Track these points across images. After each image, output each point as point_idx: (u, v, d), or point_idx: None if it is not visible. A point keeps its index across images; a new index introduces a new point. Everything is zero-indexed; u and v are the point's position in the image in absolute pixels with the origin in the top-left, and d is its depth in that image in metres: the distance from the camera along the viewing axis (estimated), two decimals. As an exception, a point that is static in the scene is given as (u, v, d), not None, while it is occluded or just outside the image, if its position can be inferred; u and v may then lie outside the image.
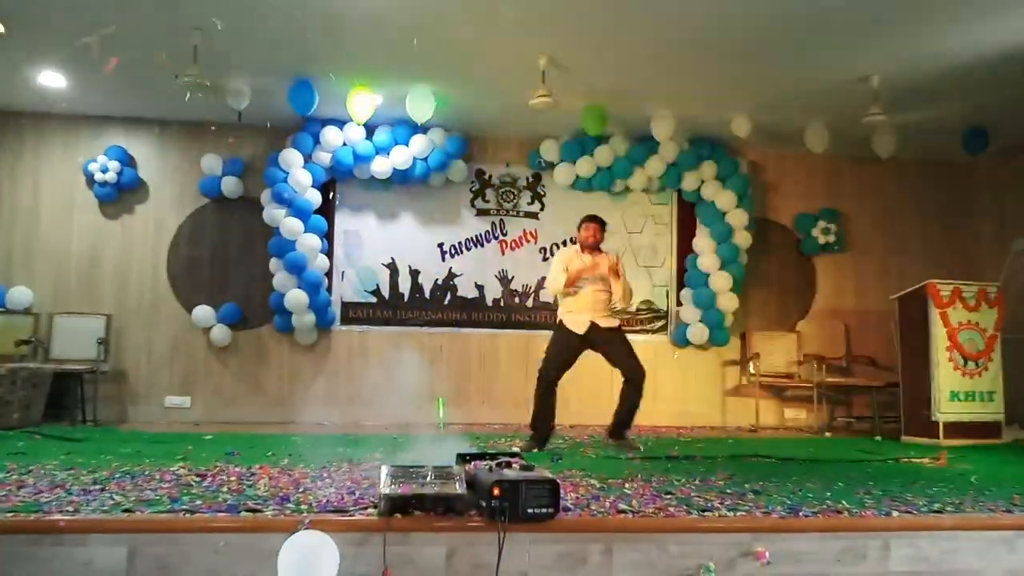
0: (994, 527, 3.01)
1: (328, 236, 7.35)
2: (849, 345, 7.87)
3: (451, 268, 7.64)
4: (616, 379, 5.36)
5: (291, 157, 7.02)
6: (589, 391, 6.55)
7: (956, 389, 6.28)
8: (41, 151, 7.25)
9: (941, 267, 7.57)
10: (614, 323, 5.42)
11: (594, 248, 5.51)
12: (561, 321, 5.44)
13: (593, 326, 5.31)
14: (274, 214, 7.01)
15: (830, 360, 7.56)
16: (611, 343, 5.34)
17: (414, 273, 7.59)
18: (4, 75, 6.30)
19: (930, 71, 5.95)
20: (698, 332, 7.54)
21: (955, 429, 6.20)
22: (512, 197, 7.79)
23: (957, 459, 5.12)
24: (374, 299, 7.52)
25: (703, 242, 7.63)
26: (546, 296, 7.56)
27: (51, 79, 6.38)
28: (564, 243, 7.67)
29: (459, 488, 2.75)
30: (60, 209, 7.25)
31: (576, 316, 5.37)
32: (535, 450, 5.17)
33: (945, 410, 6.21)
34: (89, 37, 5.20)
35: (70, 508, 2.86)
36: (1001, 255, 7.24)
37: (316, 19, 5.26)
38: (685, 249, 7.80)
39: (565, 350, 5.35)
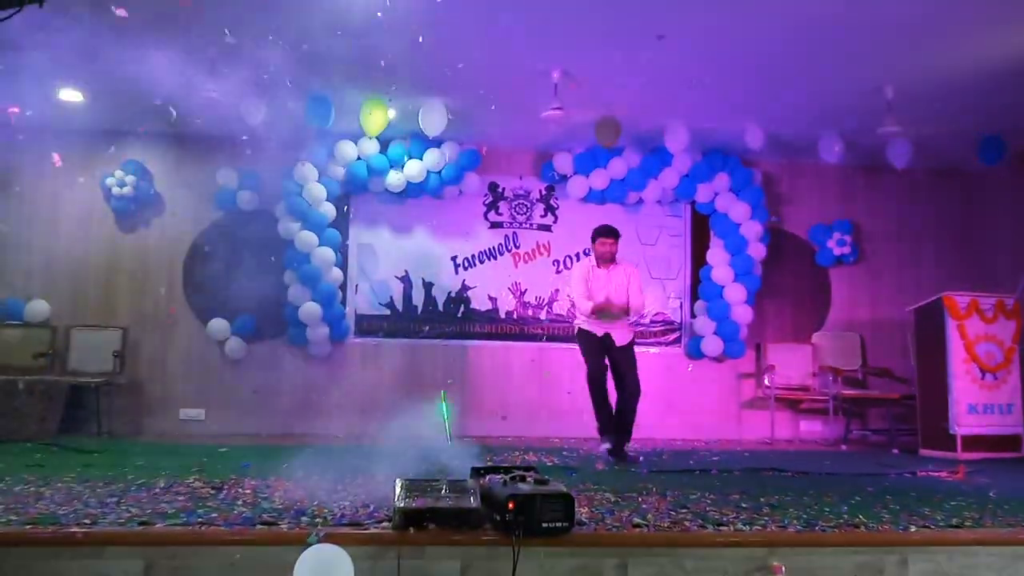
0: (1014, 542, 2.97)
1: (342, 249, 7.38)
2: (865, 357, 7.80)
3: (464, 280, 7.65)
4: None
5: (306, 171, 7.06)
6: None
7: (974, 402, 6.21)
8: (60, 166, 7.30)
9: (957, 278, 7.50)
10: (628, 338, 5.53)
11: (610, 261, 5.53)
12: (580, 328, 5.62)
13: (607, 336, 5.45)
14: (289, 227, 7.06)
15: (846, 372, 7.50)
16: (622, 358, 5.50)
17: (427, 286, 7.60)
18: (25, 92, 6.36)
19: (945, 81, 5.91)
20: (712, 344, 7.50)
21: (973, 442, 6.13)
22: (525, 210, 7.80)
23: (976, 472, 5.07)
24: (388, 311, 7.55)
25: (717, 254, 7.61)
26: (560, 308, 7.60)
27: (70, 95, 6.46)
28: (577, 256, 7.66)
29: (474, 502, 2.75)
30: (78, 223, 7.32)
31: (593, 324, 5.53)
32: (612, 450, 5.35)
33: (963, 423, 6.14)
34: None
35: (87, 520, 2.88)
36: (1019, 265, 7.17)
37: (332, 35, 5.29)
38: (699, 261, 7.79)
39: (595, 351, 5.47)
